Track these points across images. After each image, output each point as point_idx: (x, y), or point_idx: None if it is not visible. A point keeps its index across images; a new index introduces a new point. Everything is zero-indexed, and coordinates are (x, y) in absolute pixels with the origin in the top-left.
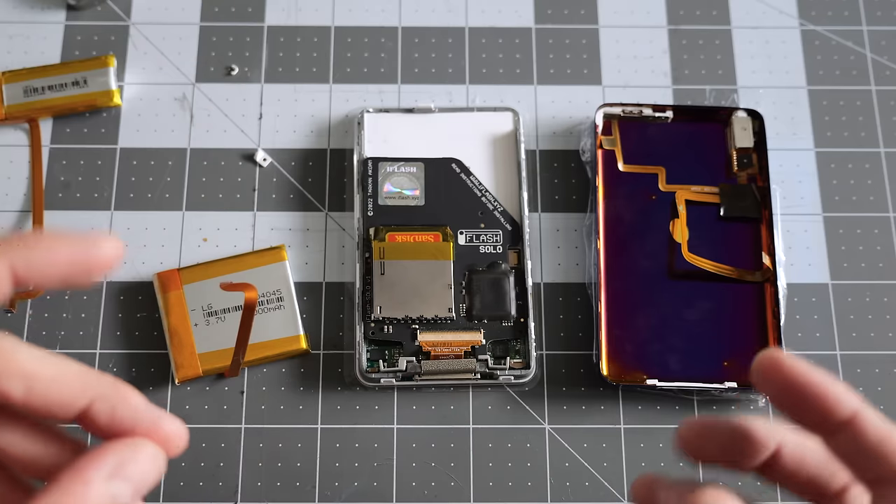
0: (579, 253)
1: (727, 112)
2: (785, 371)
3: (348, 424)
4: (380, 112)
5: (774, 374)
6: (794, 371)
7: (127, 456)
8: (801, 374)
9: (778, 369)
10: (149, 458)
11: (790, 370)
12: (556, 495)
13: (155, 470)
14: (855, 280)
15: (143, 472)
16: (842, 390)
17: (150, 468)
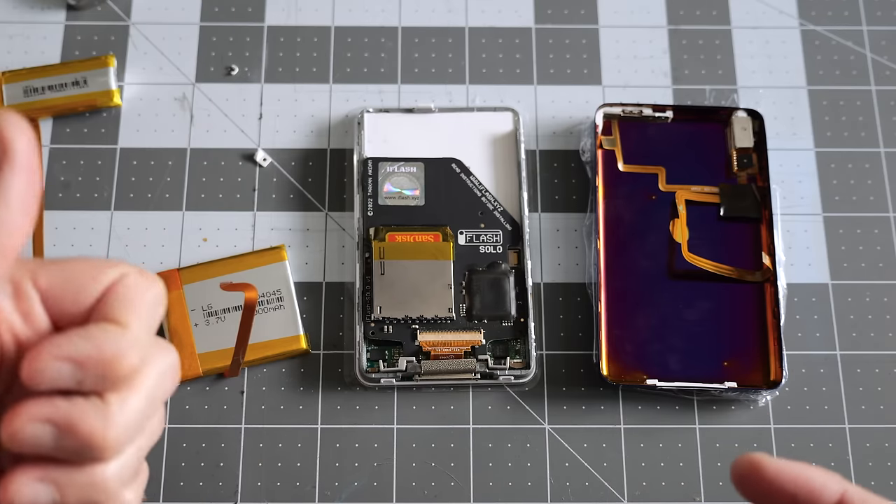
0: (579, 253)
1: (727, 112)
2: (765, 473)
3: (348, 424)
4: (380, 112)
5: (755, 477)
6: (774, 471)
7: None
8: (782, 473)
9: (756, 471)
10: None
11: (769, 471)
12: (556, 495)
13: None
14: (855, 280)
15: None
16: (824, 477)
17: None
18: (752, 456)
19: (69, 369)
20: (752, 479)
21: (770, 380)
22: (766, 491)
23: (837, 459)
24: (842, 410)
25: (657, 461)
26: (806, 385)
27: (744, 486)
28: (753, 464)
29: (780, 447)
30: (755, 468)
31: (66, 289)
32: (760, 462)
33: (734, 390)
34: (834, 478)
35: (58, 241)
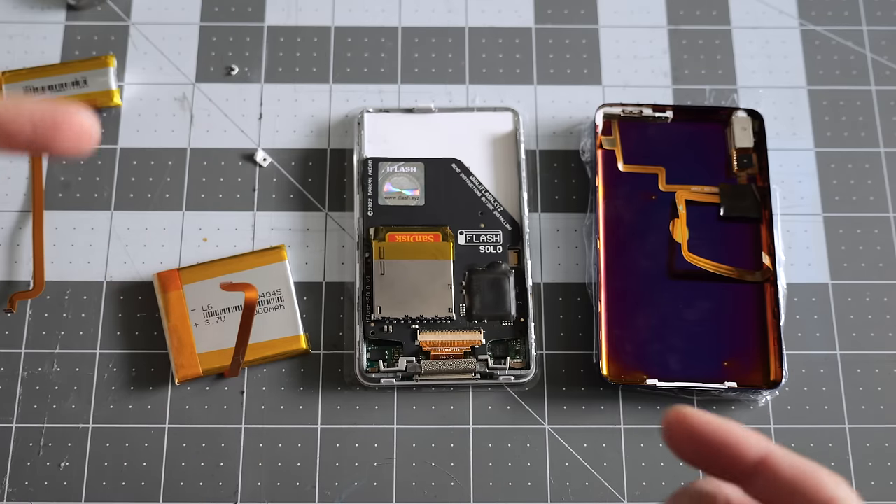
0: (579, 253)
1: (727, 112)
2: (690, 423)
3: (348, 424)
4: (380, 112)
5: (680, 428)
6: (699, 422)
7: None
8: (706, 424)
9: (683, 423)
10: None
11: (696, 424)
12: (556, 495)
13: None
14: (855, 280)
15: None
16: (748, 434)
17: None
18: (680, 408)
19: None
20: (678, 432)
21: (770, 380)
22: (690, 444)
23: (837, 459)
24: (842, 410)
25: (657, 461)
26: (806, 385)
27: (670, 438)
28: (680, 416)
29: None
30: (681, 421)
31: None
32: (686, 415)
33: (734, 390)
34: (759, 438)
35: (58, 241)
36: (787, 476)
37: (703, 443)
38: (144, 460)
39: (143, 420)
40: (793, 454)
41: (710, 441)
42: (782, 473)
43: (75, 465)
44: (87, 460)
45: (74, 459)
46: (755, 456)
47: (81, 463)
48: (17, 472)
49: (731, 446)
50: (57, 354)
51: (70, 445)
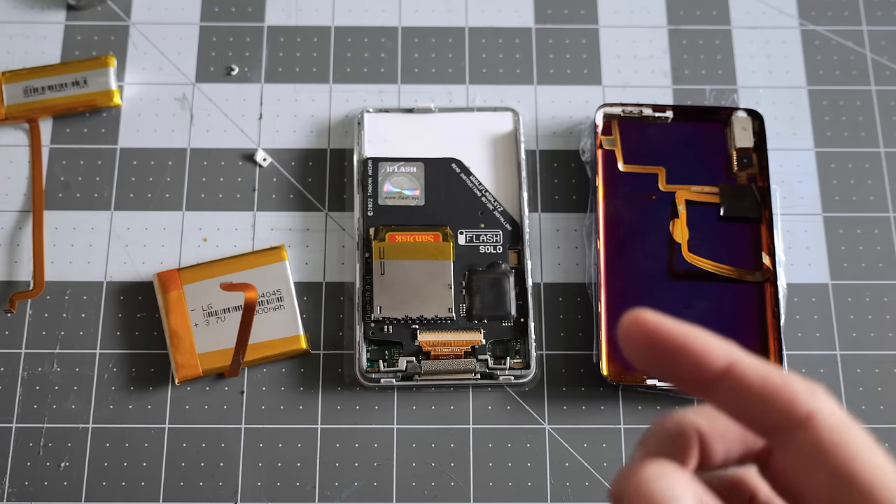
0: (579, 253)
1: (727, 112)
2: (650, 327)
3: (348, 424)
4: (380, 112)
5: (639, 331)
6: (660, 326)
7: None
8: (667, 329)
9: (642, 327)
10: None
11: (655, 326)
12: (556, 495)
13: None
14: (855, 280)
15: None
16: (713, 340)
17: None
18: (639, 311)
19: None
20: (636, 336)
21: None
22: (650, 349)
23: None
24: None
25: None
26: None
27: (628, 342)
28: (639, 319)
29: None
30: (641, 323)
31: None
32: (646, 317)
33: None
34: (725, 345)
35: (58, 241)
36: (757, 385)
37: (664, 348)
38: (144, 460)
39: (143, 420)
40: (762, 362)
41: (670, 346)
42: (750, 382)
43: (75, 465)
44: (87, 460)
45: (74, 459)
46: (720, 363)
47: (81, 463)
48: (17, 472)
49: (693, 352)
50: (57, 354)
51: (70, 445)
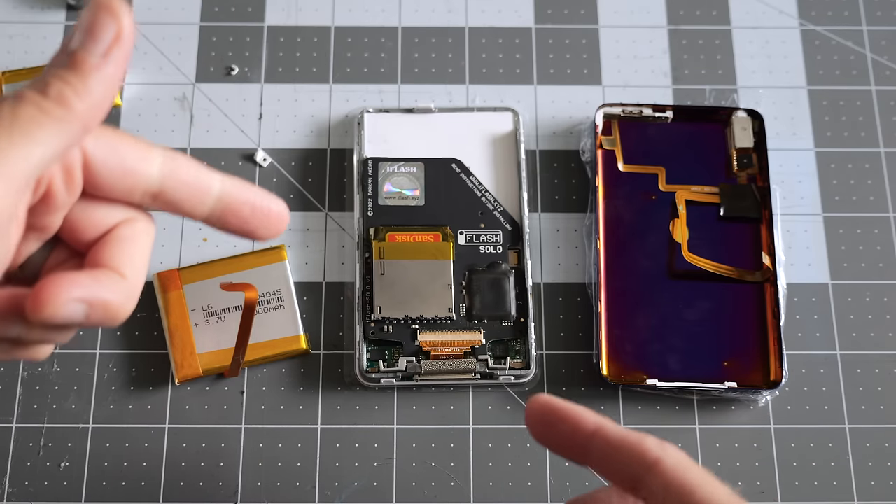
0: (579, 253)
1: (727, 112)
2: (541, 404)
3: (348, 424)
4: (380, 112)
5: (535, 409)
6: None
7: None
8: (553, 404)
9: (536, 404)
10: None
11: (545, 402)
12: (556, 495)
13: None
14: (855, 280)
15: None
16: (584, 410)
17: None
18: (538, 396)
19: (81, 309)
20: (533, 411)
21: (770, 380)
22: (540, 419)
23: (837, 459)
24: (842, 410)
25: None
26: (806, 385)
27: (528, 417)
28: (536, 397)
29: (780, 447)
30: (535, 401)
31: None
32: (541, 397)
33: (734, 390)
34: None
35: None
36: (615, 441)
37: (550, 418)
38: (144, 460)
39: (143, 420)
40: (623, 428)
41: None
42: (611, 439)
43: (75, 465)
44: (87, 460)
45: (74, 459)
46: (590, 427)
47: (81, 463)
48: (17, 472)
49: (570, 419)
50: (57, 354)
51: (70, 445)
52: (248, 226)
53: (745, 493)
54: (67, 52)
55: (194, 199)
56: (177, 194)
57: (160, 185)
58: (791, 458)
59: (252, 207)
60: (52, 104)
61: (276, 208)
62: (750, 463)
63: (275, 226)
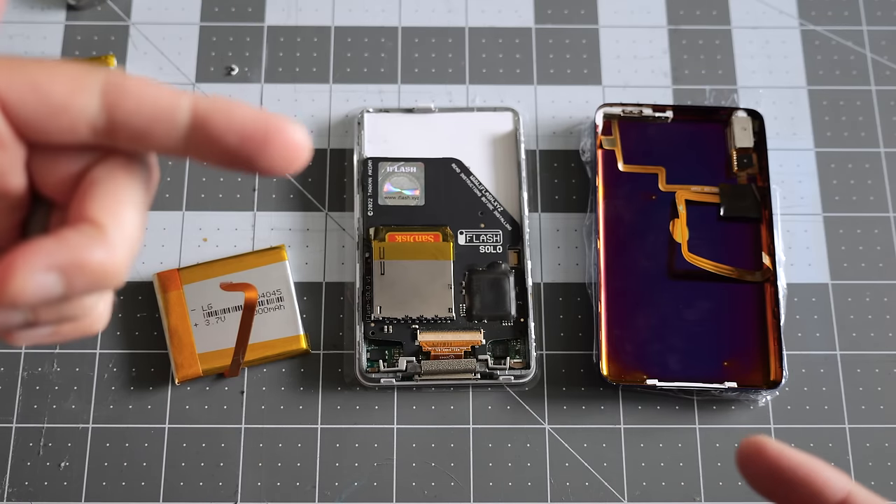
0: (579, 253)
1: (727, 112)
2: (770, 456)
3: (348, 424)
4: (380, 112)
5: (759, 459)
6: (780, 456)
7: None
8: (788, 459)
9: (762, 455)
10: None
11: (776, 455)
12: (556, 495)
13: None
14: (855, 280)
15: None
16: (831, 473)
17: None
18: (757, 438)
19: (54, 279)
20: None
21: (770, 380)
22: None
23: (837, 459)
24: (842, 410)
25: (657, 461)
26: (806, 385)
27: (746, 468)
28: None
29: None
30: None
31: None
32: (764, 444)
33: (734, 390)
34: (841, 477)
35: None
36: None
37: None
38: (144, 460)
39: (143, 420)
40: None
41: (790, 476)
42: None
43: (75, 465)
44: (87, 460)
45: (74, 459)
46: (838, 496)
47: (81, 463)
48: (17, 472)
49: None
50: (57, 354)
51: (70, 445)
52: (241, 157)
53: (745, 493)
54: None
55: (158, 129)
56: (133, 124)
57: (108, 118)
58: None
59: (240, 136)
60: None
61: (276, 130)
62: None
63: (281, 156)
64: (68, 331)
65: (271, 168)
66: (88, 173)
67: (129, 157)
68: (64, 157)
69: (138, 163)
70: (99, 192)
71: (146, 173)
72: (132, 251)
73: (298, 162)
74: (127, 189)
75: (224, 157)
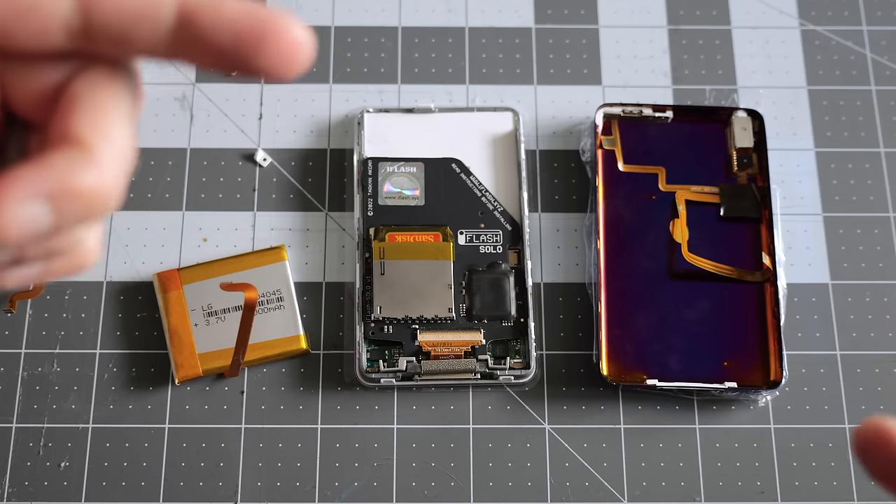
0: (579, 253)
1: (727, 112)
2: (892, 439)
3: (348, 424)
4: (380, 112)
5: (880, 442)
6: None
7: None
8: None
9: (883, 437)
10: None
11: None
12: (556, 495)
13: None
14: (855, 280)
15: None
16: None
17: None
18: (879, 420)
19: (43, 209)
20: (876, 444)
21: (770, 380)
22: (889, 463)
23: (837, 459)
24: (842, 410)
25: (657, 461)
26: (806, 385)
27: (865, 453)
28: (880, 430)
29: (780, 447)
30: (881, 435)
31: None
32: (887, 428)
33: (734, 390)
34: None
35: None
36: None
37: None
38: (144, 460)
39: (143, 420)
40: None
41: None
42: None
43: (75, 465)
44: (87, 460)
45: (74, 459)
46: None
47: (81, 463)
48: (17, 472)
49: None
50: (57, 354)
51: (70, 445)
52: (235, 58)
53: (745, 493)
54: None
55: (141, 28)
56: (112, 24)
57: (84, 17)
58: (791, 458)
59: (232, 33)
60: None
61: (274, 27)
62: (750, 463)
63: (279, 56)
64: (59, 267)
65: (269, 69)
66: (68, 87)
67: (112, 66)
68: (38, 67)
69: (122, 71)
70: (81, 107)
71: (132, 83)
72: (124, 170)
73: (299, 63)
74: (112, 101)
75: (216, 59)
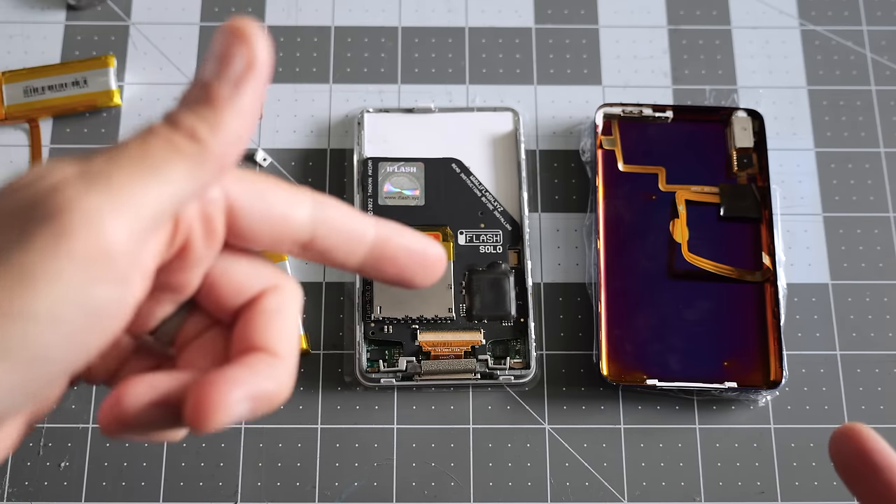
0: (579, 253)
1: (727, 112)
2: (864, 438)
3: (348, 424)
4: (380, 112)
5: (852, 442)
6: (873, 439)
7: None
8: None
9: (857, 437)
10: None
11: (869, 438)
12: (556, 495)
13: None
14: (855, 280)
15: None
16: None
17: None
18: (854, 424)
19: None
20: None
21: (770, 380)
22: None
23: None
24: (842, 410)
25: (657, 461)
26: (806, 385)
27: (838, 449)
28: (854, 428)
29: (780, 447)
30: (854, 433)
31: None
32: (860, 428)
33: (734, 390)
34: None
35: None
36: None
37: (871, 460)
38: (144, 460)
39: None
40: None
41: (878, 459)
42: None
43: (75, 465)
44: (87, 460)
45: (74, 459)
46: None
47: (81, 463)
48: (17, 472)
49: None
50: None
51: (70, 445)
52: (405, 273)
53: (745, 493)
54: (200, 83)
55: (347, 248)
56: (328, 243)
57: (311, 234)
58: (791, 458)
59: (409, 253)
60: (184, 140)
61: (433, 252)
62: (750, 463)
63: (432, 272)
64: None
65: (423, 282)
66: (264, 299)
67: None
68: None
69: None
70: (277, 324)
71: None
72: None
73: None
74: (297, 318)
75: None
